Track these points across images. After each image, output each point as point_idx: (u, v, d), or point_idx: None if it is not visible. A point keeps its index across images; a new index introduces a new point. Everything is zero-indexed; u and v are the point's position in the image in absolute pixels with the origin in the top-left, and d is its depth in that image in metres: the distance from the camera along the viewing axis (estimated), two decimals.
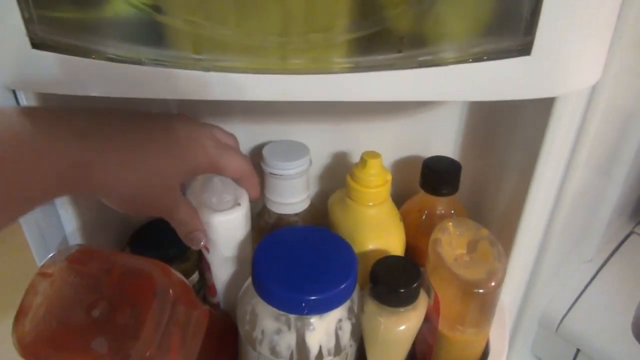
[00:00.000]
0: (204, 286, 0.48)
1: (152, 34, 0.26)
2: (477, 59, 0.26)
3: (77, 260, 0.33)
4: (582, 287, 0.63)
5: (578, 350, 0.59)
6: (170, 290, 0.32)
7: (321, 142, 0.48)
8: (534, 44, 0.25)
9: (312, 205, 0.46)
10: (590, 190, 0.58)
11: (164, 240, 0.46)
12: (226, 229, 0.41)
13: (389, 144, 0.48)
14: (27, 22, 0.25)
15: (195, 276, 0.48)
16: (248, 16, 0.25)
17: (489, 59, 0.26)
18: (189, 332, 0.34)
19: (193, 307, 0.34)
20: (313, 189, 0.51)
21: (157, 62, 0.26)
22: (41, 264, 0.32)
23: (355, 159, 0.43)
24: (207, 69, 0.25)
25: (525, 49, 0.26)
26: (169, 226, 0.47)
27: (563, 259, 0.60)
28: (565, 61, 0.26)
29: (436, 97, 0.27)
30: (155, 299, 0.31)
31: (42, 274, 0.31)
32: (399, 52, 0.26)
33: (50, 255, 0.32)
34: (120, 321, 0.29)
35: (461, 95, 0.27)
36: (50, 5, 0.25)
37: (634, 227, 0.71)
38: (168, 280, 0.33)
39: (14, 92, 0.36)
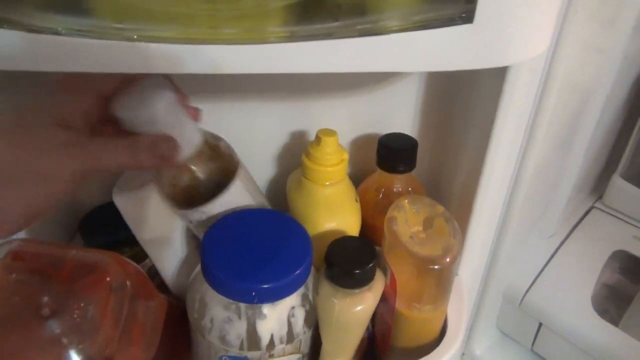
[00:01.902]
0: None
1: (68, 1, 0.24)
2: (419, 27, 0.25)
3: (20, 256, 0.30)
4: (544, 262, 0.63)
5: (541, 324, 0.60)
6: (128, 283, 0.30)
7: (277, 121, 0.47)
8: (476, 11, 0.24)
9: (210, 144, 0.38)
10: (550, 165, 0.58)
11: (115, 224, 0.44)
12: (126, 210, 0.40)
13: (346, 122, 0.46)
14: None
15: (149, 260, 0.46)
16: None
17: (431, 27, 0.25)
18: (149, 324, 0.32)
19: (151, 298, 0.32)
20: (270, 170, 0.50)
21: (76, 32, 0.24)
22: None
23: (312, 137, 0.42)
24: (130, 39, 0.24)
25: (467, 17, 0.25)
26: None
27: (525, 234, 0.60)
28: (509, 30, 0.26)
29: (378, 67, 0.26)
30: (112, 294, 0.29)
31: None
32: (336, 20, 0.24)
33: None
34: (74, 320, 0.27)
35: (404, 65, 0.26)
36: None
37: (594, 202, 0.72)
38: (124, 273, 0.31)
39: None
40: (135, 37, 0.24)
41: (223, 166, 0.39)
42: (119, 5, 0.23)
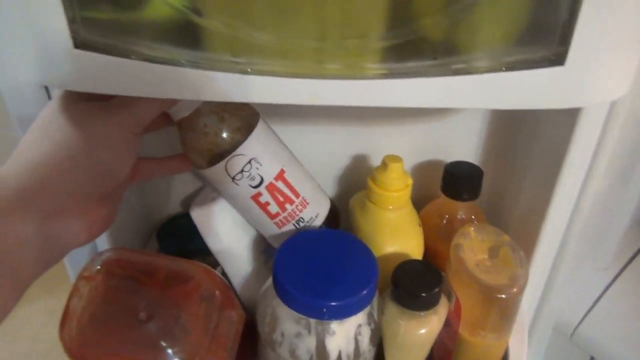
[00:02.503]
0: None
1: (190, 36, 0.26)
2: (510, 68, 0.26)
3: (118, 263, 0.33)
4: (597, 295, 0.63)
5: (592, 357, 0.59)
6: (217, 293, 0.32)
7: (342, 143, 0.49)
8: (568, 54, 0.26)
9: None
10: (607, 198, 0.58)
11: (190, 233, 0.46)
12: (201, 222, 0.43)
13: (410, 148, 0.48)
14: (71, 22, 0.25)
15: (219, 269, 0.49)
16: (286, 21, 0.25)
17: (522, 68, 0.26)
18: (231, 334, 0.34)
19: (233, 308, 0.34)
20: (333, 190, 0.52)
21: (195, 64, 0.26)
22: (83, 266, 0.32)
23: (377, 161, 0.44)
24: (244, 72, 0.26)
25: (558, 60, 0.26)
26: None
27: (579, 265, 0.60)
28: (597, 72, 0.27)
29: (468, 104, 0.27)
30: (202, 304, 0.31)
31: (85, 278, 0.31)
32: (434, 59, 0.26)
33: (91, 258, 0.32)
34: (168, 326, 0.29)
35: (492, 103, 0.27)
36: (93, 5, 0.26)
37: None
38: (213, 283, 0.33)
39: (46, 88, 0.37)
40: (249, 70, 0.26)
41: (246, 124, 0.39)
42: (237, 41, 0.25)
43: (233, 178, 0.38)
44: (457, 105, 0.27)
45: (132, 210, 0.48)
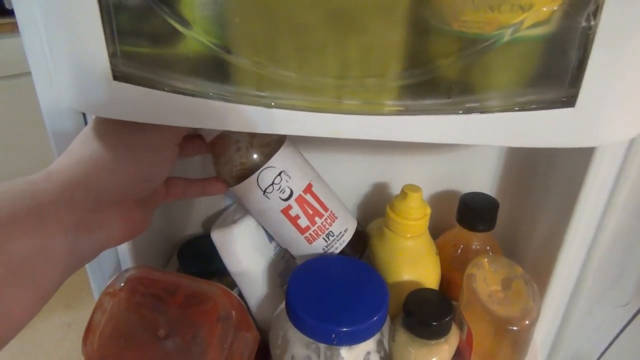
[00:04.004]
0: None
1: (219, 71, 0.28)
2: (522, 108, 0.27)
3: (141, 281, 0.34)
4: (616, 331, 0.61)
5: None
6: (233, 313, 0.33)
7: (361, 171, 0.50)
8: (579, 96, 0.26)
9: None
10: (627, 232, 0.57)
11: (209, 254, 0.48)
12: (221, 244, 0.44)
13: (427, 177, 0.49)
14: (111, 56, 0.28)
15: (236, 290, 0.50)
16: (309, 60, 0.27)
17: (534, 108, 0.27)
18: (246, 355, 0.35)
19: (248, 330, 0.35)
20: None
21: (223, 97, 0.28)
22: (108, 282, 0.34)
23: (395, 189, 0.45)
24: (268, 106, 0.28)
25: (569, 101, 0.27)
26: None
27: (598, 301, 0.59)
28: (607, 114, 0.27)
29: (480, 141, 0.28)
30: (219, 323, 0.32)
31: (109, 293, 0.33)
32: (448, 97, 0.27)
33: (116, 275, 0.34)
34: (185, 344, 0.31)
35: (504, 141, 0.28)
36: (132, 41, 0.28)
37: None
38: (230, 304, 0.34)
39: (83, 115, 0.40)
40: (272, 104, 0.28)
41: (275, 139, 0.40)
42: (262, 77, 0.27)
43: (264, 191, 0.40)
44: (469, 142, 0.28)
45: (155, 230, 0.50)
